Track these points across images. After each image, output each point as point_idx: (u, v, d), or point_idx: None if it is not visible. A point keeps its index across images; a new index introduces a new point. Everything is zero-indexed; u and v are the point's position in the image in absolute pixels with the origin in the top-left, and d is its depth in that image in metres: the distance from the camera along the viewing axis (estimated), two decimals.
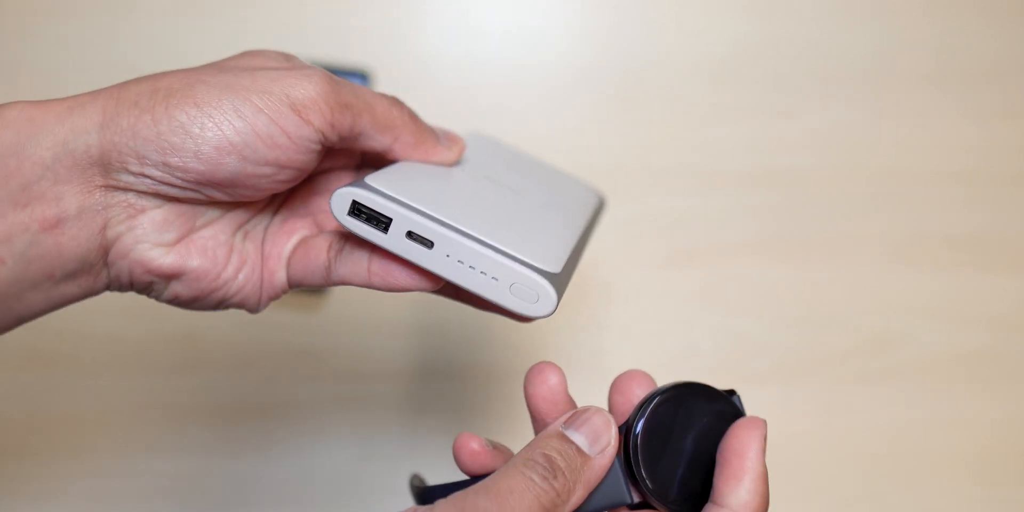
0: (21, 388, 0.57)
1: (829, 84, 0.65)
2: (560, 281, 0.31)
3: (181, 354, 0.58)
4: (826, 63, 0.66)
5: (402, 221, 0.30)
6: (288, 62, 0.33)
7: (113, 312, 0.58)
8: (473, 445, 0.33)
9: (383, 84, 0.61)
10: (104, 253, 0.31)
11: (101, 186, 0.30)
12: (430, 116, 0.37)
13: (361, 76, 0.59)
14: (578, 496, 0.30)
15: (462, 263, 0.31)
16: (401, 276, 0.32)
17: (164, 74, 0.31)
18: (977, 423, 0.61)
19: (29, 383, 0.57)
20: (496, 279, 0.30)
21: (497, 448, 0.34)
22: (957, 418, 0.61)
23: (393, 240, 0.31)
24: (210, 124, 0.29)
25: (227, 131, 0.29)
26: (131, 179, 0.30)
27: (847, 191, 0.64)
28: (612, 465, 0.31)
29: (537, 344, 0.61)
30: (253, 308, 0.35)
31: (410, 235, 0.31)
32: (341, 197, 0.31)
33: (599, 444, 0.31)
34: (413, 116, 0.35)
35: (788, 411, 0.60)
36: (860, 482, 0.59)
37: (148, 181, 0.30)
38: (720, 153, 0.64)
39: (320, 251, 0.34)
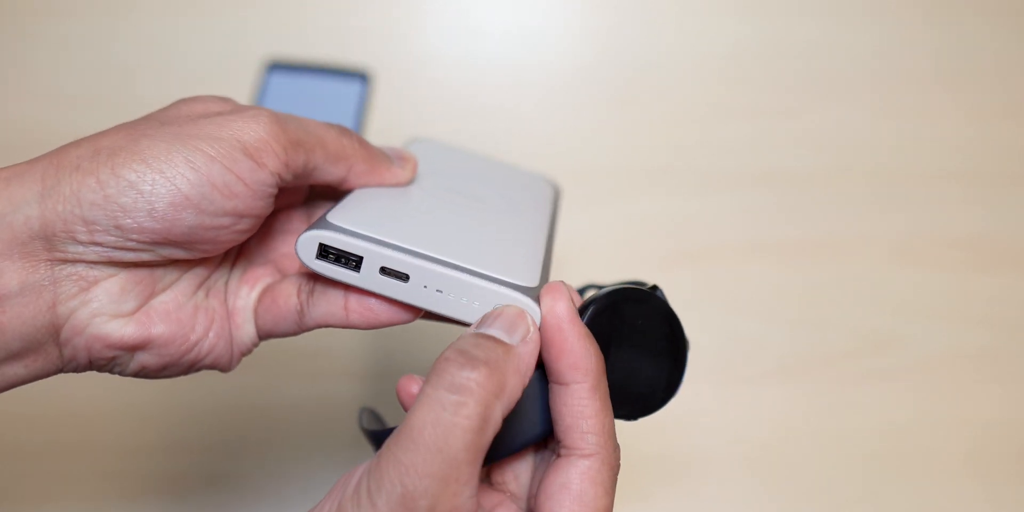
0: (21, 388, 0.57)
1: (829, 84, 0.65)
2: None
3: None
4: (826, 63, 0.66)
5: (374, 258, 0.29)
6: (228, 104, 0.32)
7: None
8: (412, 388, 0.32)
9: (383, 84, 0.61)
10: (55, 332, 0.29)
11: (46, 260, 0.28)
12: (430, 116, 0.37)
13: (361, 76, 0.59)
14: (513, 386, 0.27)
15: (441, 292, 0.30)
16: (382, 310, 0.31)
17: (103, 133, 0.29)
18: (977, 423, 0.61)
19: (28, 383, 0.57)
20: (478, 304, 0.30)
21: None
22: (957, 418, 0.61)
23: (367, 278, 0.30)
24: (161, 180, 0.27)
25: (181, 185, 0.27)
26: (80, 249, 0.28)
27: (847, 191, 0.64)
28: (532, 387, 0.29)
29: None
30: (226, 367, 0.33)
31: (384, 271, 0.29)
32: (307, 241, 0.29)
33: (517, 333, 0.28)
34: (363, 142, 0.34)
35: (788, 411, 0.60)
36: (860, 482, 0.59)
37: (99, 249, 0.28)
38: (720, 153, 0.64)
39: (288, 296, 0.32)
